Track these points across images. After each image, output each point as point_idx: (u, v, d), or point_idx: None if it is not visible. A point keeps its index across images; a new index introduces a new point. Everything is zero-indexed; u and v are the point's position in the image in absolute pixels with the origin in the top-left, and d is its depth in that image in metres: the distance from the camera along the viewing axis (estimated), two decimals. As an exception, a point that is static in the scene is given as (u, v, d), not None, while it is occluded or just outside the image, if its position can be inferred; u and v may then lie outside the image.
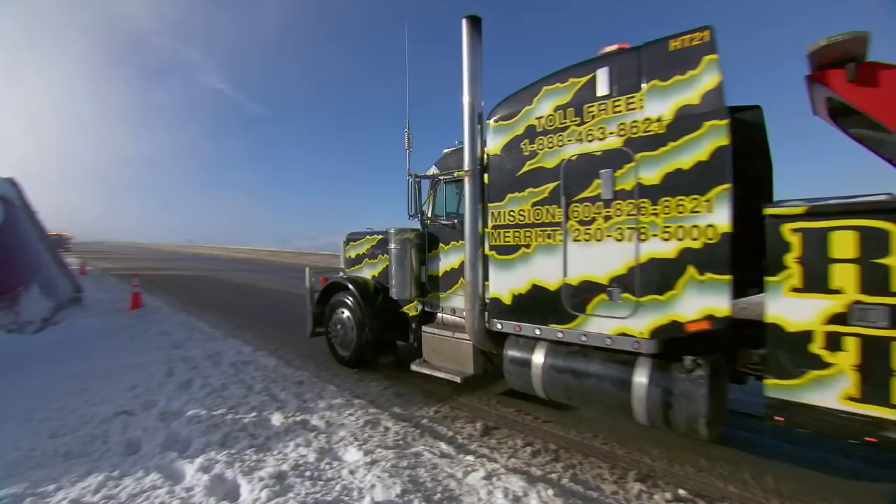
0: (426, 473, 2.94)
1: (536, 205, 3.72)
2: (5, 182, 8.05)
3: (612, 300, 3.27)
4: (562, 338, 3.57)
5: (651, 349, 3.12)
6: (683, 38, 3.00)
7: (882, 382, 2.29)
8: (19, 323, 6.49)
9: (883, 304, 2.29)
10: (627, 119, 3.22)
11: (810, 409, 2.54)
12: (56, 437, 3.40)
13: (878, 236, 2.32)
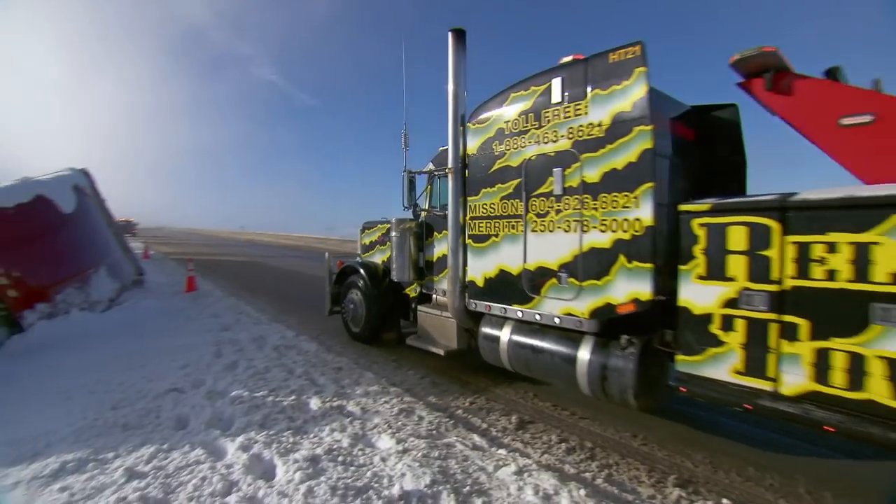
0: (457, 465, 2.96)
1: (504, 199, 4.22)
2: (79, 173, 8.75)
3: (561, 284, 3.73)
4: (521, 317, 4.10)
5: (592, 328, 3.56)
6: (620, 52, 3.34)
7: (760, 358, 2.69)
8: (90, 302, 7.08)
9: (764, 291, 2.66)
10: (575, 124, 3.63)
11: (707, 381, 2.94)
12: (116, 408, 3.70)
13: (762, 231, 2.68)
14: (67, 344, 5.58)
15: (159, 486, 2.59)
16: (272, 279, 13.26)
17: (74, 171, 8.74)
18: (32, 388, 4.23)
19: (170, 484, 2.62)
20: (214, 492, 2.55)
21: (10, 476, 2.69)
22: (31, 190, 6.86)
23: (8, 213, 6.21)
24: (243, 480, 2.67)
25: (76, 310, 6.69)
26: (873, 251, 2.31)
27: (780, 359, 2.63)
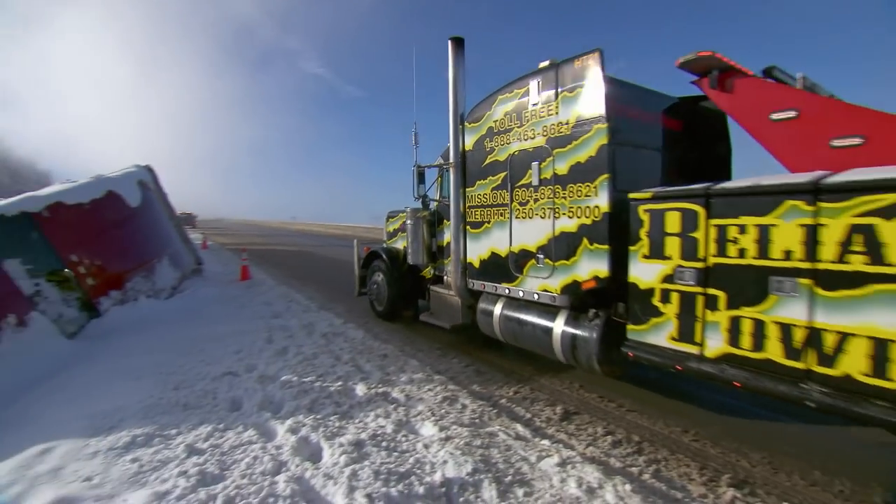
0: (499, 454, 2.96)
1: (494, 189, 4.77)
2: (143, 169, 9.39)
3: (538, 264, 4.25)
4: (509, 294, 4.63)
5: (564, 303, 4.04)
6: (582, 58, 3.77)
7: (690, 326, 3.07)
8: (155, 290, 7.64)
9: (693, 267, 3.05)
10: (548, 122, 4.12)
11: (650, 347, 3.32)
12: (178, 389, 3.98)
13: (692, 216, 3.05)
14: (136, 328, 6.06)
15: (216, 462, 2.77)
16: (321, 268, 13.72)
17: (139, 167, 9.40)
18: (108, 367, 4.64)
19: (225, 461, 2.79)
20: (265, 471, 2.69)
21: (90, 445, 2.96)
22: (103, 186, 7.43)
23: (84, 208, 6.77)
24: (291, 461, 2.81)
25: (143, 297, 7.24)
26: (771, 232, 2.71)
27: (704, 326, 3.03)
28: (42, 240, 5.89)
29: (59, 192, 6.60)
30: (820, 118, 3.29)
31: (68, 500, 2.37)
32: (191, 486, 2.50)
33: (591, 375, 4.46)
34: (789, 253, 2.66)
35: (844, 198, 2.44)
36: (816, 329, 2.54)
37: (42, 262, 5.75)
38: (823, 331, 2.51)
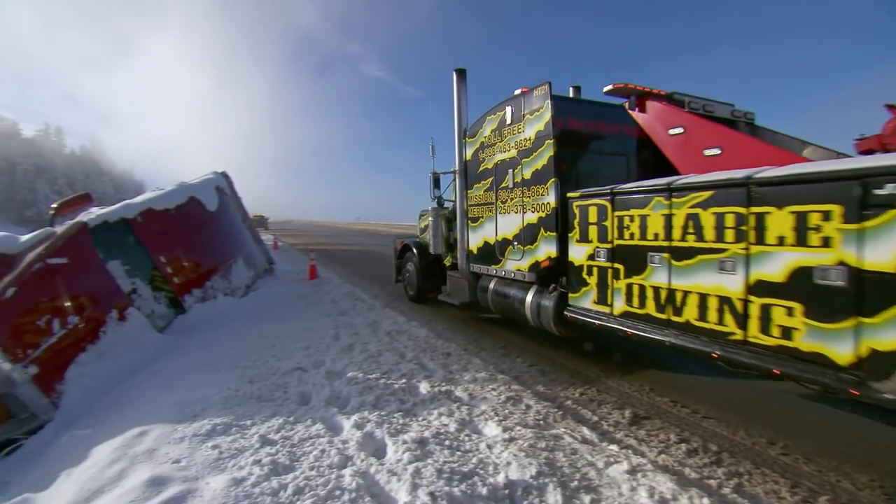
0: (564, 458, 2.90)
1: (485, 191, 6.02)
2: (220, 176, 10.16)
3: (514, 249, 5.43)
4: (496, 274, 5.87)
5: (532, 279, 5.15)
6: (538, 88, 4.89)
7: (605, 291, 4.09)
8: (231, 288, 8.26)
9: (605, 248, 4.07)
10: (518, 138, 5.27)
11: (581, 309, 4.44)
12: (252, 382, 4.27)
13: (603, 209, 4.08)
14: (215, 324, 6.60)
15: (286, 453, 2.94)
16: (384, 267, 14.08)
17: (216, 174, 10.17)
18: (191, 359, 5.10)
19: (295, 453, 2.96)
20: (332, 464, 2.82)
21: (178, 431, 3.26)
22: (185, 192, 8.13)
23: (171, 213, 7.45)
24: (357, 456, 2.92)
25: (221, 295, 7.85)
26: (647, 220, 3.69)
27: (612, 292, 4.08)
28: (137, 243, 6.56)
29: (149, 200, 7.32)
30: (697, 134, 4.33)
31: (161, 478, 2.63)
32: (264, 475, 2.67)
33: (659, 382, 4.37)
34: (657, 234, 3.64)
35: (684, 195, 3.42)
36: (672, 289, 3.54)
37: (137, 263, 6.42)
38: (675, 290, 3.51)
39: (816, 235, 2.67)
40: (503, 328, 6.53)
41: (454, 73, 6.27)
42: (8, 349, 4.31)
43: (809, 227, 2.69)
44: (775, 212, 2.86)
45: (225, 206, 9.42)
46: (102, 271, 5.81)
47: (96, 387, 4.77)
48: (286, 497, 2.47)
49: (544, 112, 4.82)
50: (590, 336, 5.10)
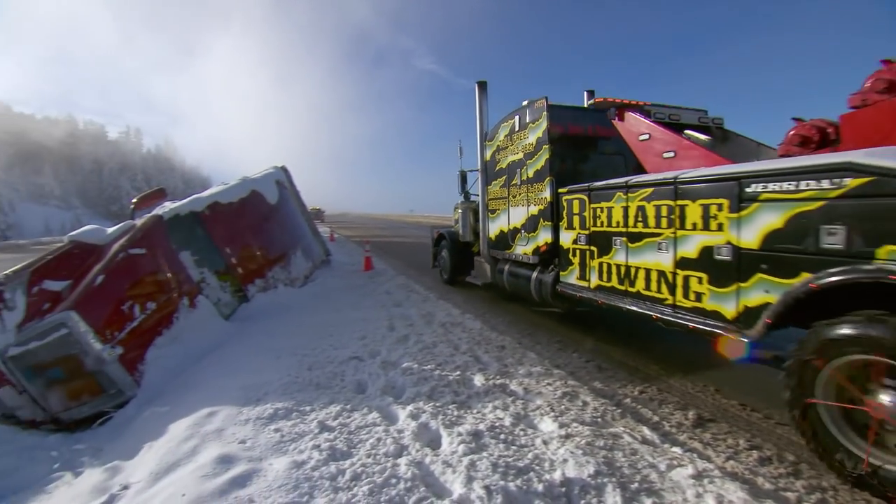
0: (624, 458, 2.80)
1: (501, 187, 7.07)
2: (279, 170, 10.61)
3: (522, 237, 6.45)
4: (509, 257, 6.91)
5: (535, 261, 6.13)
6: (538, 102, 5.90)
7: (584, 270, 5.11)
8: (290, 279, 8.65)
9: (584, 234, 5.06)
10: (524, 143, 6.26)
11: (568, 285, 5.46)
12: (311, 370, 4.46)
13: (582, 202, 5.08)
14: (276, 313, 6.94)
15: (344, 440, 3.05)
16: (437, 259, 14.24)
17: (276, 168, 10.63)
18: (254, 346, 5.40)
19: (352, 440, 3.06)
20: (388, 452, 2.89)
21: (243, 413, 3.47)
22: (248, 187, 8.57)
23: (235, 206, 7.89)
24: (412, 446, 2.97)
25: (281, 285, 8.24)
26: (611, 211, 4.62)
27: (589, 269, 5.02)
28: (205, 235, 7.02)
29: (215, 194, 7.80)
30: (658, 140, 4.86)
31: (229, 457, 2.81)
32: (323, 459, 2.78)
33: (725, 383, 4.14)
34: (618, 222, 4.55)
35: (635, 190, 4.30)
36: (628, 266, 4.46)
37: (205, 254, 6.87)
38: (630, 267, 4.43)
39: (714, 222, 3.55)
40: (559, 322, 6.42)
41: (476, 85, 7.50)
42: (99, 331, 4.76)
43: (710, 215, 3.58)
44: (691, 204, 3.75)
45: (285, 200, 9.84)
46: (175, 261, 6.26)
47: (171, 368, 5.18)
48: (344, 482, 2.56)
49: (542, 122, 5.87)
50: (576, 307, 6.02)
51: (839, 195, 2.74)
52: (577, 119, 6.26)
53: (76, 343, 4.63)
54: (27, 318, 5.09)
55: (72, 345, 4.63)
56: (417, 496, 2.45)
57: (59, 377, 4.67)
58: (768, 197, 3.14)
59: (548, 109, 5.78)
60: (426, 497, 2.45)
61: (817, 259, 2.84)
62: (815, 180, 2.86)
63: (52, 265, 5.75)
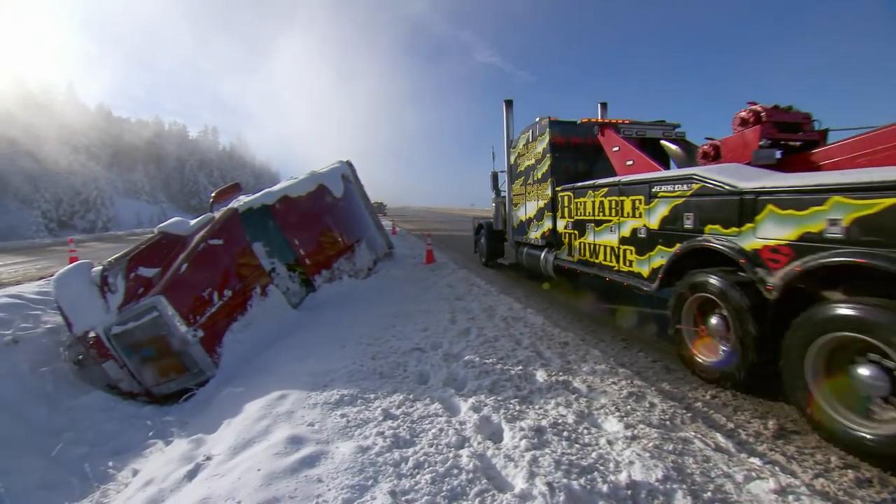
0: (695, 465, 2.67)
1: (521, 186, 8.97)
2: (345, 164, 11.01)
3: (534, 225, 8.27)
4: (526, 241, 8.79)
5: (543, 244, 7.93)
6: (543, 120, 7.76)
7: (571, 248, 6.94)
8: (355, 270, 8.97)
9: (572, 221, 6.85)
10: (535, 151, 8.06)
11: (562, 260, 7.26)
12: (375, 359, 4.62)
13: (570, 197, 6.89)
14: (341, 303, 7.25)
15: (407, 428, 3.14)
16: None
17: (342, 162, 11.04)
18: (321, 334, 5.68)
19: (414, 429, 3.14)
20: (450, 443, 2.94)
21: (311, 397, 3.67)
22: (315, 181, 8.97)
23: (303, 199, 8.30)
24: (474, 438, 3.01)
25: (346, 276, 8.58)
26: (585, 204, 6.38)
27: (573, 248, 6.85)
28: (276, 227, 7.45)
29: (285, 188, 8.23)
30: (623, 152, 6.28)
31: (299, 438, 2.99)
32: (387, 446, 2.88)
33: None
34: (590, 212, 6.26)
35: (598, 189, 6.03)
36: (595, 244, 6.21)
37: (275, 245, 7.30)
38: (596, 244, 6.17)
39: (637, 211, 5.21)
40: (622, 321, 6.19)
41: (503, 103, 9.57)
42: (183, 315, 5.23)
43: (635, 207, 5.23)
44: (626, 199, 5.41)
45: (350, 193, 10.20)
46: (249, 251, 6.71)
47: (244, 352, 5.58)
48: (407, 469, 2.64)
49: (546, 136, 7.66)
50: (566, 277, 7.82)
51: (690, 194, 4.42)
52: (580, 131, 7.63)
53: (164, 325, 5.13)
54: (126, 300, 5.68)
55: (161, 326, 5.13)
56: (479, 488, 2.48)
57: (150, 355, 5.20)
58: (661, 195, 4.84)
59: (549, 125, 7.60)
60: (488, 489, 2.48)
61: (682, 234, 4.55)
62: (680, 185, 4.57)
63: (144, 253, 6.36)
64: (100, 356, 5.26)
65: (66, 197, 47.95)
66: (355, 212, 10.43)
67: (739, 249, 3.78)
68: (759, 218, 3.64)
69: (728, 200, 3.92)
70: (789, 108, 4.84)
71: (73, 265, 6.14)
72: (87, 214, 48.88)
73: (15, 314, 5.88)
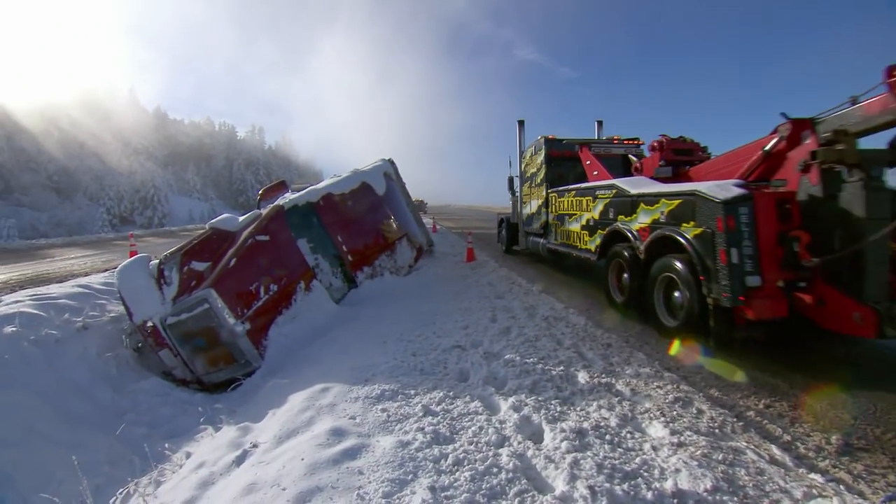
0: (747, 477, 2.55)
1: (528, 188, 11.32)
2: (387, 162, 11.14)
3: (535, 218, 10.66)
4: (531, 231, 11.16)
5: (540, 232, 10.27)
6: (540, 139, 10.37)
7: (555, 234, 9.47)
8: (396, 267, 9.09)
9: (555, 214, 9.45)
10: (537, 161, 10.56)
11: (551, 244, 9.68)
12: (416, 356, 4.67)
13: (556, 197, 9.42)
14: (382, 299, 7.37)
15: (447, 425, 3.16)
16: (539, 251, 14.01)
17: (384, 160, 11.18)
18: (362, 329, 5.80)
19: (454, 426, 3.16)
20: (489, 441, 2.94)
21: (353, 391, 3.76)
22: (358, 178, 9.14)
23: (346, 197, 8.48)
24: (514, 437, 3.00)
25: (387, 273, 8.70)
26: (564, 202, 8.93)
27: (556, 235, 9.37)
28: (319, 223, 7.65)
29: (328, 185, 8.44)
30: (591, 165, 8.68)
31: (341, 430, 3.08)
32: (427, 442, 2.92)
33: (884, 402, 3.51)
34: (566, 208, 8.70)
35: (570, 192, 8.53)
36: (569, 231, 8.60)
37: (319, 241, 7.49)
38: (569, 231, 8.56)
39: (588, 208, 7.60)
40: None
41: (517, 122, 11.97)
42: (232, 307, 5.47)
43: (588, 205, 7.61)
44: (583, 199, 7.78)
45: (391, 191, 10.33)
46: (294, 247, 6.93)
47: (289, 345, 5.78)
48: (446, 466, 2.67)
49: (543, 152, 10.08)
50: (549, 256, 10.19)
51: (612, 196, 6.79)
52: (563, 147, 9.99)
53: (214, 317, 5.38)
54: (179, 292, 6.01)
55: (211, 318, 5.39)
56: (518, 488, 2.47)
57: (201, 345, 5.48)
58: (599, 196, 7.15)
59: (546, 143, 10.06)
60: (527, 490, 2.46)
61: (608, 222, 6.85)
62: (608, 190, 6.95)
63: (196, 248, 6.70)
64: (156, 344, 5.60)
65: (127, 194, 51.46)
66: (397, 209, 10.57)
67: (631, 230, 6.12)
68: (638, 211, 6.03)
69: (627, 200, 6.37)
70: (683, 138, 7.44)
71: (133, 258, 6.58)
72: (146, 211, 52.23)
73: (84, 303, 6.36)
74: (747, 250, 4.38)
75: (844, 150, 4.26)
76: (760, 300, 4.31)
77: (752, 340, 4.74)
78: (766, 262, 4.40)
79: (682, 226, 5.03)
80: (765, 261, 4.40)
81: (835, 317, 4.28)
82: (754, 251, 4.40)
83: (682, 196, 5.11)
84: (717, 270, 4.49)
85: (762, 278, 4.35)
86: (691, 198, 4.92)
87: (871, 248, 4.04)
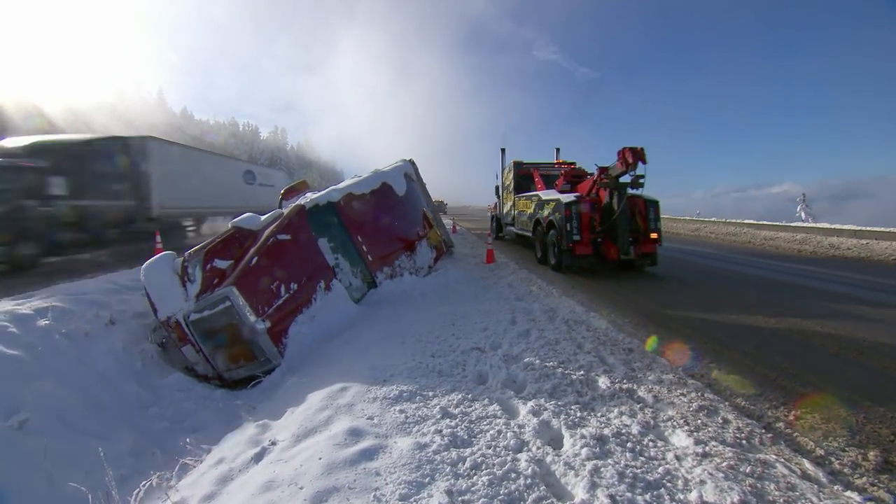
0: (777, 492, 2.46)
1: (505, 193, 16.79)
2: (407, 163, 11.19)
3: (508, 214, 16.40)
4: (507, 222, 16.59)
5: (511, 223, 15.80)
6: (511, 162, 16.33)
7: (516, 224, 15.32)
8: (415, 268, 9.11)
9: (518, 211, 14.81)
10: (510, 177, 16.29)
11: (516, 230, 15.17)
12: (434, 357, 4.66)
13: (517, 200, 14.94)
14: (401, 300, 7.39)
15: (465, 428, 3.14)
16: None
17: (405, 161, 11.23)
18: (381, 329, 5.82)
19: (472, 429, 3.14)
20: (508, 446, 2.91)
21: (371, 392, 3.78)
22: (379, 179, 9.20)
23: (367, 197, 8.54)
24: (533, 442, 2.96)
25: (407, 273, 8.72)
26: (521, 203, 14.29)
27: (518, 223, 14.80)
28: (340, 223, 7.72)
29: (350, 185, 8.50)
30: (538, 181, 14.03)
31: (358, 430, 3.09)
32: (444, 445, 2.90)
33: None
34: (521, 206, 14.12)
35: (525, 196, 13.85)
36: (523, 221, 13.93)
37: (339, 241, 7.56)
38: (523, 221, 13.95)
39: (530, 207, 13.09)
40: (694, 330, 5.84)
41: (500, 150, 17.19)
42: (253, 305, 5.55)
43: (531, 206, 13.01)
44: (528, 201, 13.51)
45: (412, 191, 10.36)
46: (314, 247, 7.00)
47: (308, 344, 5.84)
48: (464, 469, 2.65)
49: (511, 172, 15.60)
50: None
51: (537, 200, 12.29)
52: (525, 168, 15.09)
53: (236, 314, 5.48)
54: (202, 289, 6.12)
55: (232, 315, 5.48)
56: (537, 495, 2.44)
57: (223, 342, 5.58)
58: (533, 200, 12.58)
59: (514, 165, 15.31)
60: (546, 497, 2.43)
61: (535, 215, 12.18)
62: (535, 198, 12.41)
63: (219, 246, 6.82)
64: (179, 340, 5.72)
65: (154, 192, 52.98)
66: (417, 209, 10.59)
67: (542, 218, 11.13)
68: (545, 208, 11.17)
69: (541, 202, 11.58)
70: (573, 164, 14.72)
71: (158, 256, 6.73)
72: (171, 209, 53.69)
73: (112, 298, 6.55)
74: (574, 224, 9.63)
75: (609, 182, 9.49)
76: (580, 245, 9.60)
77: (579, 266, 10.08)
78: (583, 228, 9.67)
79: (556, 215, 10.21)
80: (582, 228, 9.66)
81: (609, 252, 9.60)
82: (578, 224, 9.63)
83: (555, 201, 10.48)
84: (565, 233, 9.68)
85: (581, 236, 9.61)
86: (558, 202, 10.23)
87: (619, 222, 9.32)
